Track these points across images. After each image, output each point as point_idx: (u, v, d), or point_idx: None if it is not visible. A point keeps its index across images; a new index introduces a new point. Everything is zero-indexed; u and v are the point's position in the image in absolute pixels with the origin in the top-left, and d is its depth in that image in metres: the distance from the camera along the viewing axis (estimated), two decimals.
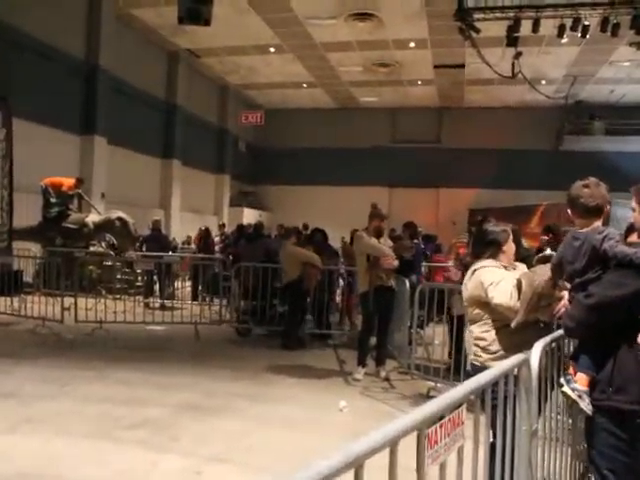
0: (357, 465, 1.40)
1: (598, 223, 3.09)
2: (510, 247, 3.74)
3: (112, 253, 13.32)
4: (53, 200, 13.72)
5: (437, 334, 7.93)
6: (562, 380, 2.99)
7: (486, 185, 26.18)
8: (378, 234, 7.45)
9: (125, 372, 7.05)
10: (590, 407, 2.82)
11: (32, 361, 7.34)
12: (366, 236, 7.47)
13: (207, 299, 12.08)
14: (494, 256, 3.72)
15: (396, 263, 7.40)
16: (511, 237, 3.75)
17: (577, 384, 2.86)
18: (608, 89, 24.08)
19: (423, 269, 10.23)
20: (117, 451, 4.58)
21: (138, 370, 7.18)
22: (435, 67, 22.09)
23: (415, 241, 9.60)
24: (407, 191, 26.96)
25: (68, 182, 13.85)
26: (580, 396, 2.84)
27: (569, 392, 2.87)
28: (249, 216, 25.67)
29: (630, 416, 2.71)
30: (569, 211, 3.18)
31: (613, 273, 2.82)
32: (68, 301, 9.59)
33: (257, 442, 4.92)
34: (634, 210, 2.99)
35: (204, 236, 14.62)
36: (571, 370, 2.98)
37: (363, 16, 17.51)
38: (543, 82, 22.26)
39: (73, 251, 12.58)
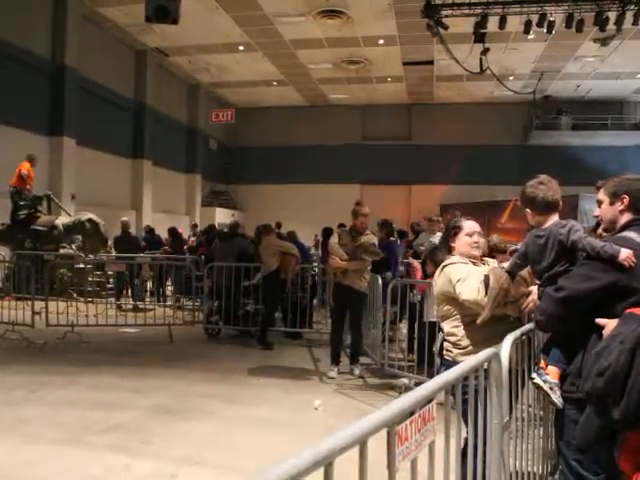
0: (326, 463, 1.40)
1: (556, 217, 3.14)
2: (461, 241, 3.67)
3: (83, 255, 13.15)
4: (22, 202, 13.51)
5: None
6: (534, 373, 3.02)
7: (457, 181, 26.44)
8: (356, 232, 7.42)
9: (97, 376, 6.97)
10: (561, 400, 2.86)
11: (1, 367, 7.21)
12: (334, 236, 7.58)
13: (180, 300, 12.00)
14: (447, 251, 3.73)
15: (343, 264, 7.22)
16: (464, 231, 3.67)
17: (549, 377, 2.90)
18: (574, 84, 24.46)
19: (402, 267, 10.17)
20: (89, 457, 4.52)
21: (110, 374, 7.10)
22: (404, 64, 22.22)
23: (392, 239, 9.59)
24: (379, 188, 27.09)
25: (23, 167, 13.60)
26: (552, 388, 2.88)
27: (541, 383, 2.90)
28: (221, 216, 25.58)
29: None
30: (527, 210, 3.22)
31: (582, 266, 2.85)
32: (39, 305, 9.43)
33: (231, 443, 4.89)
34: (600, 203, 3.03)
35: (172, 236, 14.51)
36: (542, 363, 3.02)
37: (332, 13, 17.56)
38: (511, 78, 22.53)
39: (43, 254, 12.38)
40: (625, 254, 2.67)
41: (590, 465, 2.80)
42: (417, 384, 5.59)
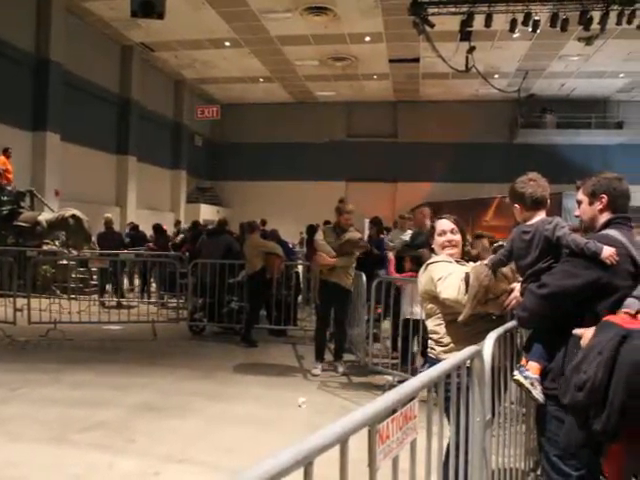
0: (306, 463, 1.40)
1: (543, 214, 3.17)
2: (436, 242, 3.70)
3: (66, 252, 13.06)
4: (4, 198, 13.39)
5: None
6: (515, 371, 3.04)
7: (442, 178, 26.51)
8: (341, 229, 7.43)
9: (80, 374, 6.93)
10: (542, 395, 2.88)
11: None
12: (319, 233, 7.54)
13: (164, 297, 11.95)
14: (431, 251, 3.76)
15: (332, 261, 7.24)
16: (436, 232, 3.70)
17: (529, 372, 2.92)
18: (559, 83, 24.63)
19: None
20: (72, 455, 4.49)
21: (93, 371, 7.06)
22: (390, 61, 22.24)
23: (382, 236, 9.59)
24: (364, 185, 27.10)
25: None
26: (532, 384, 2.89)
27: (522, 380, 2.92)
28: (207, 212, 25.50)
29: None
30: (515, 206, 3.24)
31: (565, 263, 2.88)
32: (21, 302, 9.36)
33: (214, 441, 4.88)
34: (579, 203, 3.06)
35: (157, 233, 14.45)
36: (523, 361, 3.04)
37: (318, 10, 17.53)
38: (496, 76, 22.63)
39: (26, 250, 12.27)
40: (608, 252, 2.70)
41: (570, 461, 2.83)
42: (400, 382, 5.62)
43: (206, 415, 5.60)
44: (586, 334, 2.63)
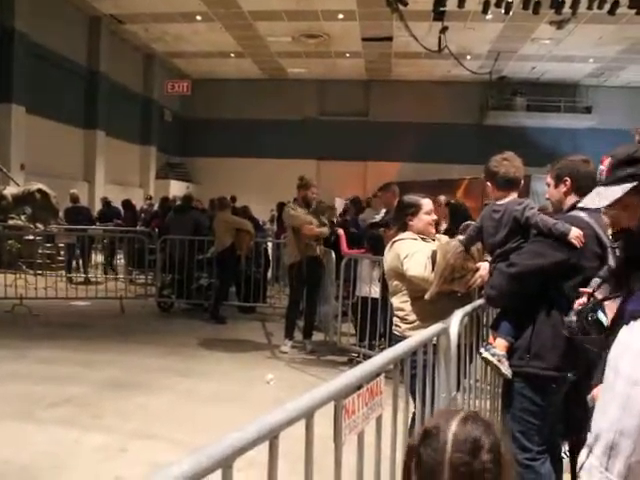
0: (272, 437, 1.41)
1: (515, 195, 3.21)
2: (420, 220, 3.71)
3: (32, 227, 12.83)
4: None
5: None
6: (482, 348, 3.09)
7: (412, 159, 26.55)
8: (307, 203, 7.44)
9: (47, 350, 6.86)
10: (510, 371, 2.93)
11: None
12: (290, 208, 7.46)
13: (132, 273, 11.85)
14: (402, 229, 3.77)
15: (324, 230, 7.38)
16: (423, 210, 3.72)
17: (496, 349, 2.98)
18: (530, 66, 24.76)
19: None
20: (38, 431, 4.46)
21: (60, 347, 7.00)
22: (363, 39, 22.10)
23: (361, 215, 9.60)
24: (335, 164, 27.04)
25: None
26: (500, 360, 2.95)
27: (489, 357, 2.97)
28: (176, 188, 25.19)
29: (545, 382, 2.83)
30: (488, 184, 3.28)
31: (534, 243, 2.93)
32: None
33: (182, 417, 4.89)
34: (549, 185, 3.10)
35: (125, 208, 14.30)
36: (491, 339, 3.09)
37: None
38: (468, 57, 22.65)
39: None
40: (575, 233, 2.75)
41: (533, 437, 2.91)
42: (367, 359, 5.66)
43: (174, 392, 5.60)
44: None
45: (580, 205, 2.53)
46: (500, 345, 2.98)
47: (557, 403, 2.95)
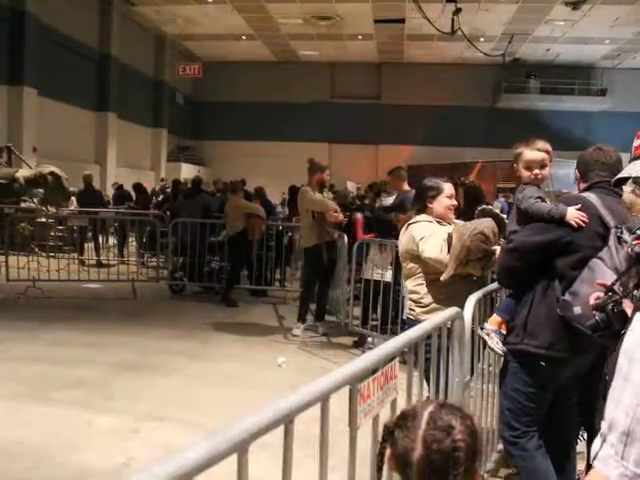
0: (287, 421, 1.40)
1: None
2: (440, 203, 3.67)
3: (44, 209, 12.88)
4: None
5: None
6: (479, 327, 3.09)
7: (424, 142, 26.45)
8: (321, 187, 7.36)
9: (60, 332, 6.89)
10: (500, 346, 2.93)
11: None
12: (310, 191, 7.25)
13: (144, 256, 11.88)
14: (421, 212, 3.73)
15: (341, 217, 7.35)
16: (444, 194, 3.69)
17: (487, 324, 2.98)
18: (544, 48, 24.49)
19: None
20: (50, 412, 4.48)
21: (73, 329, 7.03)
22: (375, 21, 21.91)
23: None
24: (347, 147, 26.98)
25: None
26: (488, 334, 2.95)
27: (481, 333, 3.00)
28: (187, 171, 25.25)
29: (537, 359, 2.80)
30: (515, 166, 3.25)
31: (533, 224, 2.92)
32: None
33: (194, 399, 4.90)
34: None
35: (137, 191, 14.31)
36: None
37: None
38: (481, 39, 22.43)
39: (3, 207, 12.10)
40: (572, 214, 2.73)
41: (520, 417, 2.89)
42: (379, 342, 5.65)
43: (185, 374, 5.61)
44: None
45: (619, 176, 2.46)
46: (493, 321, 2.99)
47: (553, 388, 2.90)
